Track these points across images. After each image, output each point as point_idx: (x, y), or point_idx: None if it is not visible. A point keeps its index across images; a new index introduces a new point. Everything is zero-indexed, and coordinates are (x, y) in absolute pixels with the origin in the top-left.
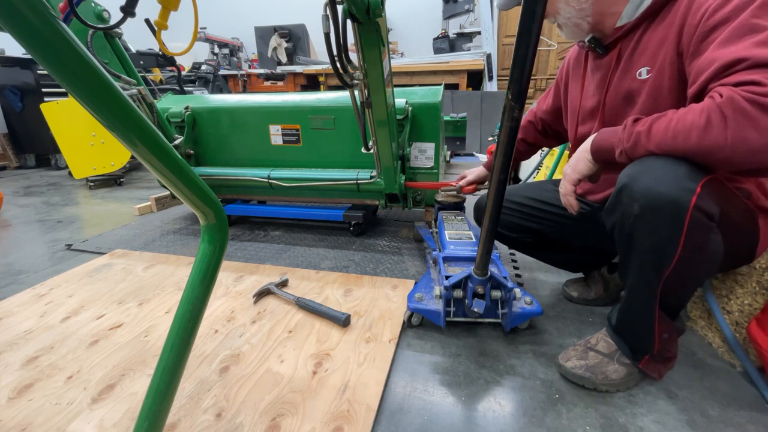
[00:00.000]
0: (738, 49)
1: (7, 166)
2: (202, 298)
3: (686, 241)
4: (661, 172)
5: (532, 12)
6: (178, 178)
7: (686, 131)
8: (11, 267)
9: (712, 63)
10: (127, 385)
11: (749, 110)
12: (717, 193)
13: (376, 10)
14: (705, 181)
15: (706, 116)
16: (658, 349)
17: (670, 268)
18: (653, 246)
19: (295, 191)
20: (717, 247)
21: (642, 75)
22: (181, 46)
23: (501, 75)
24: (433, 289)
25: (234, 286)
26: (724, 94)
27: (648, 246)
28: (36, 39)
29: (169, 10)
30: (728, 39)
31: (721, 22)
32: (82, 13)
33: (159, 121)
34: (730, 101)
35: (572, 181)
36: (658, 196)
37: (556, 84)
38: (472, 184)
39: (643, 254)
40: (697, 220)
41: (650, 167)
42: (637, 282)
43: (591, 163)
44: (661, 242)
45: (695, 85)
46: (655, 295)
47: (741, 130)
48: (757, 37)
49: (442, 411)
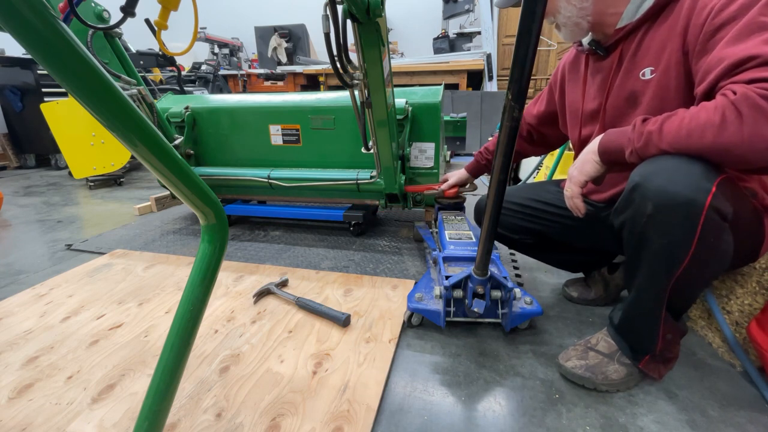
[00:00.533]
0: (747, 46)
1: (7, 166)
2: (202, 298)
3: (699, 241)
4: (675, 171)
5: (532, 12)
6: (178, 178)
7: (701, 129)
8: (11, 267)
9: (721, 61)
10: (127, 385)
11: (765, 107)
12: (731, 192)
13: (376, 10)
14: (720, 181)
15: (721, 113)
16: (660, 349)
17: (681, 269)
18: (666, 246)
19: (295, 191)
20: (728, 248)
21: (646, 75)
22: (181, 46)
23: (501, 75)
24: (433, 289)
25: (234, 286)
26: (737, 92)
27: (660, 246)
28: (36, 39)
29: (169, 10)
30: (737, 37)
31: (729, 20)
32: (82, 13)
33: (159, 121)
34: (744, 98)
35: (579, 183)
36: (672, 196)
37: (550, 89)
38: (454, 187)
39: (655, 254)
40: (712, 221)
41: (664, 166)
42: (645, 282)
43: (598, 164)
44: (673, 243)
45: (704, 83)
46: (664, 295)
47: (757, 126)
48: (765, 35)
49: (442, 411)
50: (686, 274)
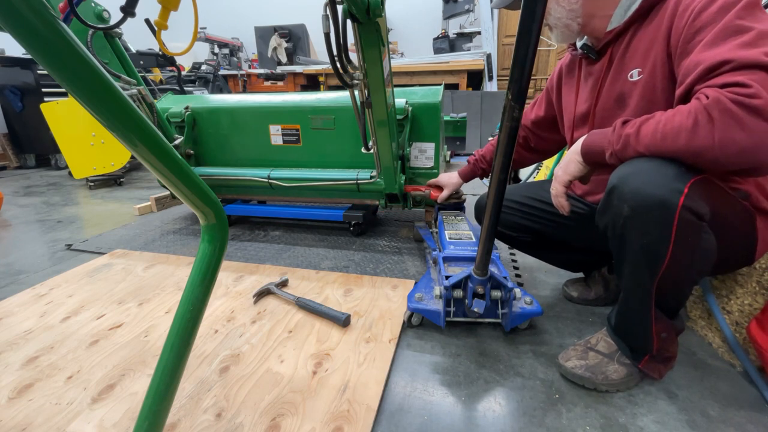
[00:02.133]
0: (723, 51)
1: (7, 166)
2: (202, 298)
3: (676, 240)
4: (650, 173)
5: (532, 12)
6: (178, 178)
7: (674, 133)
8: (11, 267)
9: (698, 65)
10: (127, 385)
11: (735, 111)
12: (707, 193)
13: (376, 10)
14: (693, 182)
15: (694, 118)
16: (657, 348)
17: (662, 268)
18: (644, 247)
19: (295, 191)
20: (709, 246)
21: (633, 77)
22: (181, 46)
23: (501, 75)
24: (433, 289)
25: (234, 286)
26: (710, 96)
27: (639, 247)
28: (36, 39)
29: (169, 10)
30: (713, 41)
31: (707, 23)
32: (82, 13)
33: (159, 121)
34: (716, 103)
35: (563, 182)
36: (646, 197)
37: (547, 93)
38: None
39: (635, 255)
40: (686, 220)
41: (639, 169)
42: (631, 282)
43: (581, 164)
44: (651, 243)
45: (682, 86)
46: (650, 294)
47: (728, 131)
48: (741, 39)
49: (442, 411)
50: (669, 273)
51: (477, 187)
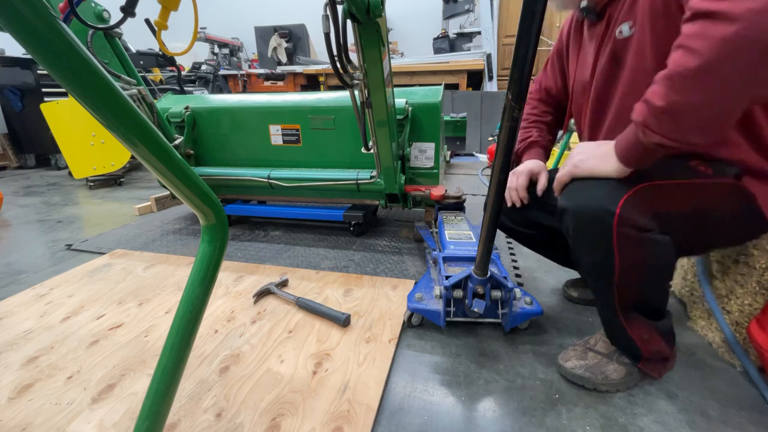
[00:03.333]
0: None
1: (7, 166)
2: (202, 298)
3: (620, 254)
4: (588, 192)
5: (532, 12)
6: (178, 178)
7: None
8: (11, 267)
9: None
10: (127, 385)
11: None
12: (651, 201)
13: (376, 10)
14: (630, 195)
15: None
16: (645, 350)
17: (615, 280)
18: (594, 262)
19: (295, 191)
20: (661, 251)
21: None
22: (181, 46)
23: (501, 75)
24: (433, 289)
25: (234, 286)
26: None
27: (590, 262)
28: (36, 39)
29: (169, 10)
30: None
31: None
32: (82, 13)
33: (159, 121)
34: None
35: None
36: (585, 218)
37: (560, 56)
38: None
39: (588, 270)
40: (626, 235)
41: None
42: (594, 293)
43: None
44: (598, 258)
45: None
46: (613, 302)
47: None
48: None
49: (442, 411)
50: (626, 283)
51: (477, 187)
